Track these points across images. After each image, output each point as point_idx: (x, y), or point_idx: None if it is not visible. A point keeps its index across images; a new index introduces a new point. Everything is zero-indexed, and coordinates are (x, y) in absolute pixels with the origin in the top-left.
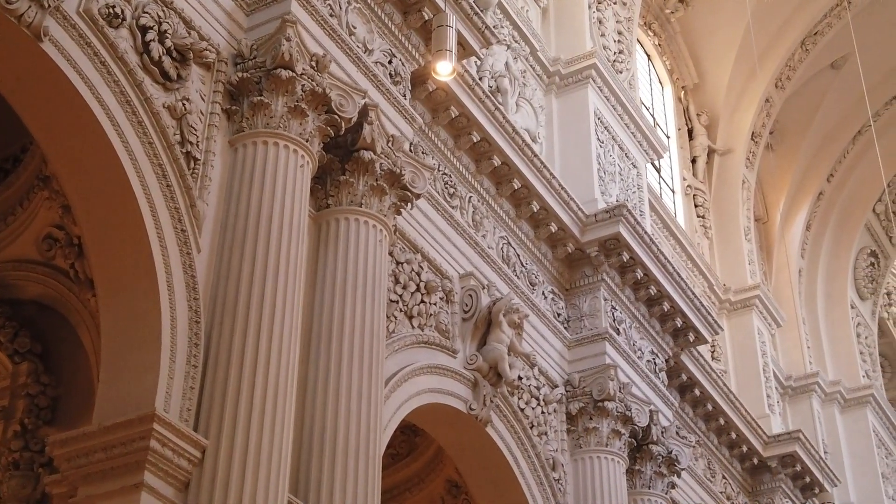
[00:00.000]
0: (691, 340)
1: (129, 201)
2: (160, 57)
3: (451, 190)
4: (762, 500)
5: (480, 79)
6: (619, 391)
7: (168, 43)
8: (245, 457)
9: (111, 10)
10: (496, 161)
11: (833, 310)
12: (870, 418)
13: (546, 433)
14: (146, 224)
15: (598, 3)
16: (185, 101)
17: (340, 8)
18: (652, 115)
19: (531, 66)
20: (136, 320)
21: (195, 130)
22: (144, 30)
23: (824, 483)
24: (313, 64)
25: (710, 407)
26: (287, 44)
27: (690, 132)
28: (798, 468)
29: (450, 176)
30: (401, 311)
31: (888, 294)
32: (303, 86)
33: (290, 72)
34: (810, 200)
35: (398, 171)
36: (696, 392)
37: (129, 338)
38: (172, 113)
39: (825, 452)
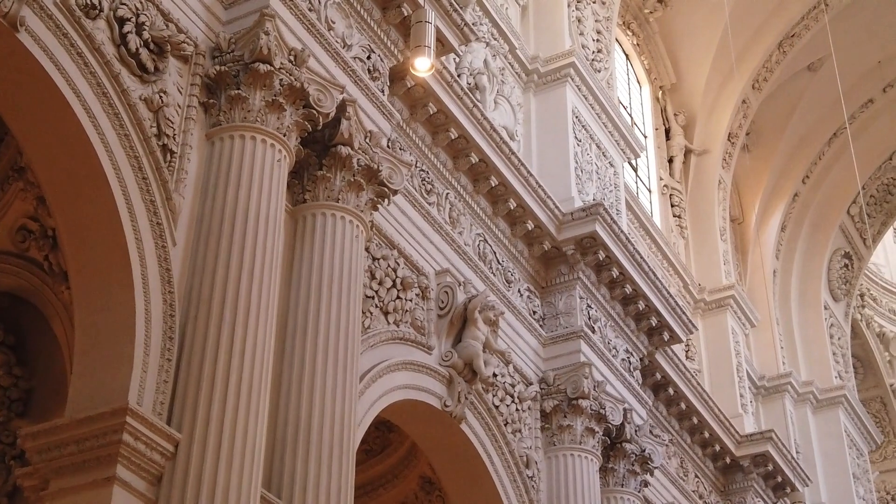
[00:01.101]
0: (666, 339)
1: (105, 194)
2: (137, 49)
3: (429, 186)
4: (734, 499)
5: (459, 76)
6: (594, 389)
7: (145, 35)
8: (218, 451)
9: (88, 1)
10: (473, 158)
11: (807, 310)
12: (842, 419)
13: (520, 430)
14: (121, 217)
15: (578, 1)
16: (161, 94)
17: (319, 3)
18: (629, 115)
19: (510, 63)
20: (110, 313)
21: (172, 123)
22: (122, 21)
23: (796, 483)
24: (291, 58)
25: (683, 406)
26: (265, 38)
27: (667, 132)
28: (770, 468)
29: (427, 172)
30: (376, 307)
31: (861, 295)
32: (281, 80)
33: (269, 66)
34: (785, 202)
35: (375, 166)
36: (670, 391)
37: (102, 330)
38: (149, 105)
39: (797, 452)
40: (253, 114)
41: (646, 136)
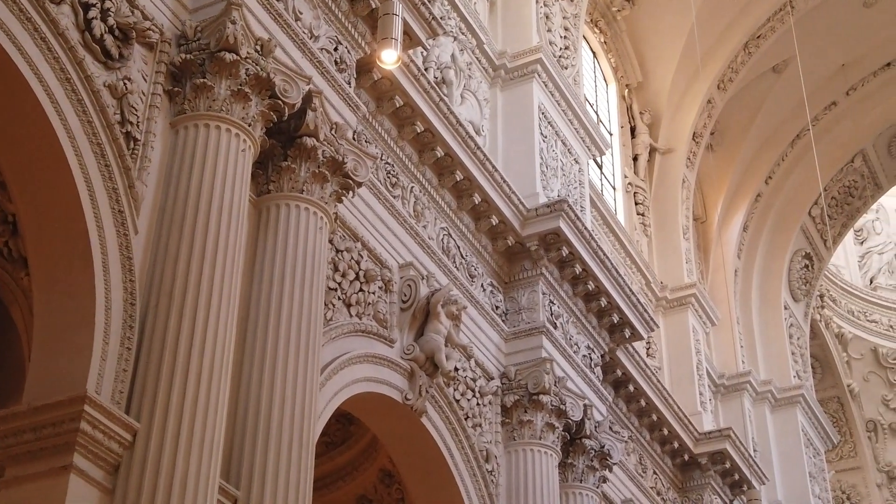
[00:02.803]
0: (627, 336)
1: (66, 180)
2: (102, 35)
3: (394, 179)
4: (691, 496)
5: (426, 69)
6: (555, 385)
7: (111, 21)
8: (177, 441)
9: None
10: (439, 152)
11: (767, 310)
12: (799, 418)
13: (481, 425)
14: (83, 204)
15: None
16: (126, 81)
17: None
18: (595, 112)
19: (477, 58)
20: (69, 300)
21: (136, 111)
22: (87, 7)
23: (752, 481)
24: (258, 48)
25: (643, 403)
26: (232, 27)
27: (633, 130)
28: (727, 465)
29: (392, 165)
30: (339, 299)
31: (821, 296)
32: (247, 70)
33: (235, 55)
34: (748, 202)
35: (340, 158)
36: (631, 388)
37: (61, 318)
38: (113, 92)
39: (755, 451)
40: (218, 103)
41: (611, 134)
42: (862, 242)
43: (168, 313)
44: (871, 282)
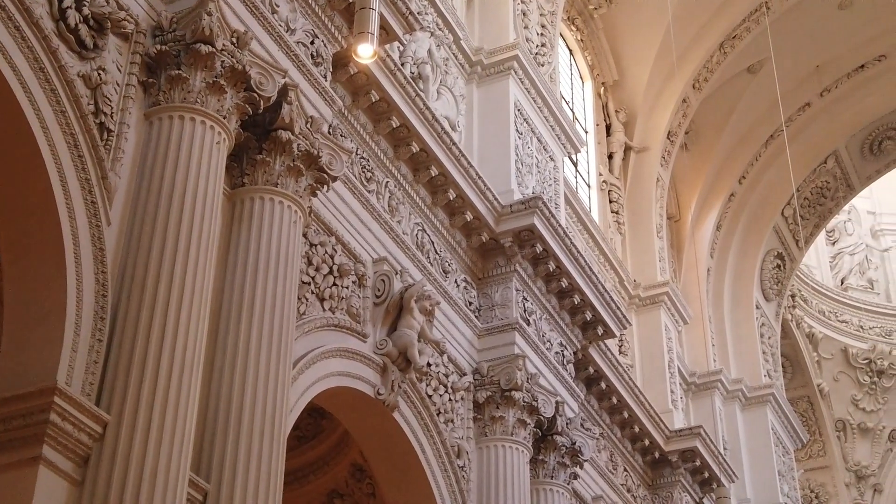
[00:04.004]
0: (600, 334)
1: (39, 170)
2: (77, 25)
3: (368, 174)
4: (661, 494)
5: (402, 64)
6: (527, 381)
7: (85, 11)
8: (147, 433)
9: None
10: (414, 147)
11: (738, 309)
12: (769, 417)
13: (452, 420)
14: (55, 194)
15: None
16: (100, 71)
17: None
18: (571, 110)
19: (454, 54)
20: (40, 291)
21: (110, 101)
22: None
23: (722, 478)
24: (234, 40)
25: (615, 400)
26: (208, 18)
27: (608, 128)
28: (697, 463)
29: (367, 160)
30: (312, 293)
31: (792, 296)
32: (222, 62)
33: (210, 47)
34: (722, 201)
35: (315, 152)
36: (603, 385)
37: (32, 309)
38: (87, 82)
39: (725, 449)
40: (193, 95)
41: (587, 132)
42: (834, 243)
43: (140, 305)
44: (843, 282)
